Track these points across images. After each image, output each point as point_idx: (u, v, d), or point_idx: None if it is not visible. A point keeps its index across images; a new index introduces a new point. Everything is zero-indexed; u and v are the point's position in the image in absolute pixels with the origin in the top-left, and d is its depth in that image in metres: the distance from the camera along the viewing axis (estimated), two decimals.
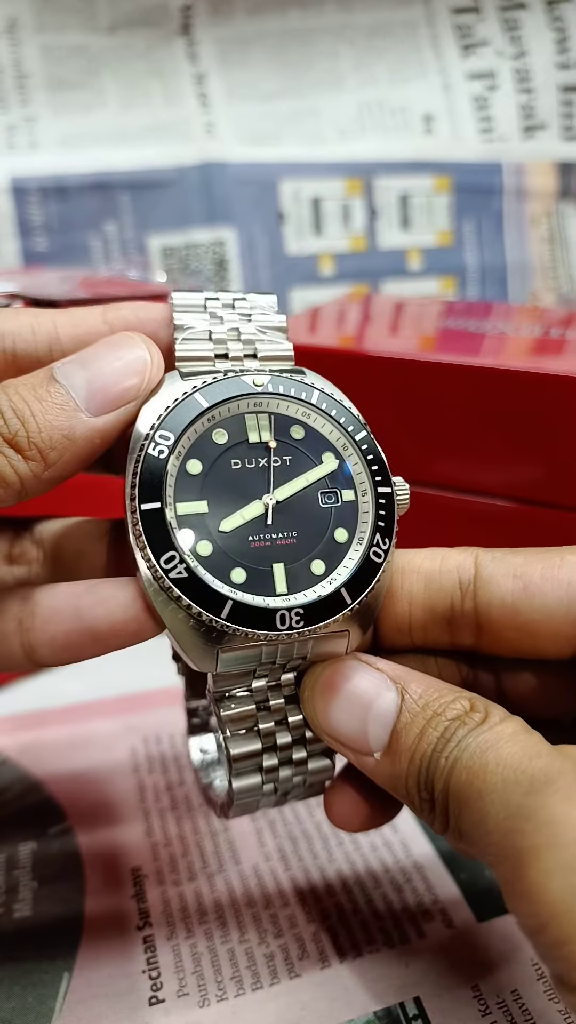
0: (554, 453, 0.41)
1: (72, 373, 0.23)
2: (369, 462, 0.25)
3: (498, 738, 0.21)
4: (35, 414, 0.22)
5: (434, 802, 0.22)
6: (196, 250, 0.76)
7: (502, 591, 0.25)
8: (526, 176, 0.80)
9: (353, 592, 0.24)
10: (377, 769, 0.23)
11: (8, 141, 0.72)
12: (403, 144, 0.78)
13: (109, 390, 0.23)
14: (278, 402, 0.25)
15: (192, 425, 0.24)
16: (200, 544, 0.23)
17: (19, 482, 0.22)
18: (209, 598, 0.22)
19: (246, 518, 0.24)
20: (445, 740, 0.22)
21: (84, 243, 0.73)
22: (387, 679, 0.24)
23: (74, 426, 0.23)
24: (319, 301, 0.73)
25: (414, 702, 0.23)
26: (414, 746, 0.22)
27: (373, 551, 0.24)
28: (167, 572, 0.22)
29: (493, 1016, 0.27)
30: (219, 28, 0.75)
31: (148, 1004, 0.28)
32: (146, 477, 0.23)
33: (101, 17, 0.73)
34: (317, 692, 0.24)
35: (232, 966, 0.29)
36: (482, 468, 0.43)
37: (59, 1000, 0.28)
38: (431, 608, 0.25)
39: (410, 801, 0.23)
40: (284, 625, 0.23)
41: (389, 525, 0.25)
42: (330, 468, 0.25)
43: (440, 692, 0.23)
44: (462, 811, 0.21)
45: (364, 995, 0.28)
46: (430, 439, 0.44)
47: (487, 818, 0.20)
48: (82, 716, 0.43)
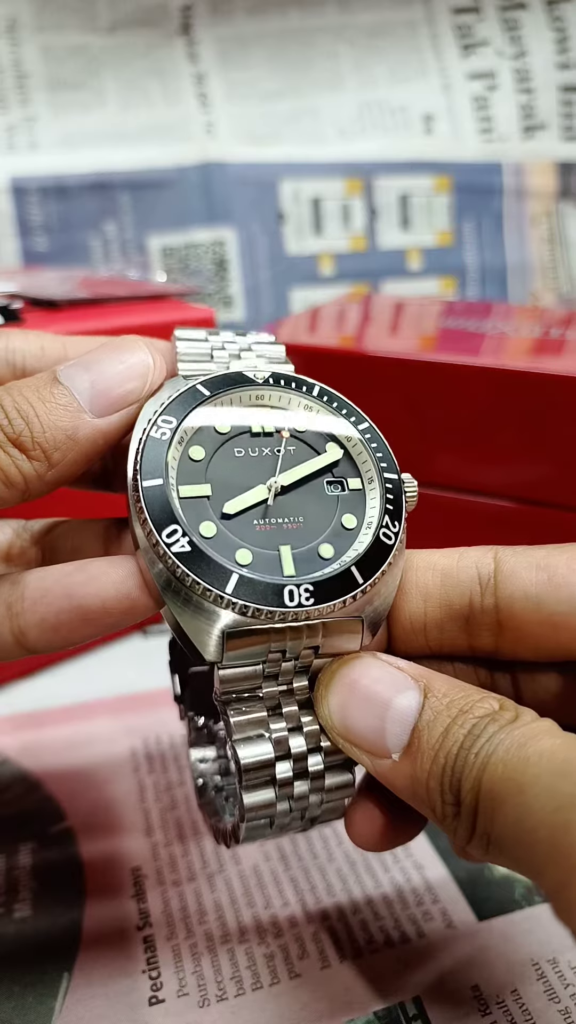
0: (554, 453, 0.41)
1: (75, 375, 0.23)
2: (374, 450, 0.25)
3: (536, 732, 0.19)
4: (39, 414, 0.23)
5: (460, 804, 0.20)
6: (196, 250, 0.76)
7: (525, 584, 0.23)
8: (526, 176, 0.80)
9: (365, 572, 0.23)
10: (395, 773, 0.22)
11: (8, 141, 0.72)
12: (403, 144, 0.78)
13: (112, 391, 0.23)
14: (280, 394, 0.25)
15: (194, 411, 0.24)
16: (204, 525, 0.23)
17: (23, 482, 0.23)
18: (214, 572, 0.21)
19: (250, 502, 0.24)
20: (474, 736, 0.20)
21: (84, 243, 0.73)
22: (408, 677, 0.22)
23: (77, 426, 0.23)
24: (319, 301, 0.73)
25: (438, 700, 0.21)
26: (438, 744, 0.21)
27: (383, 532, 0.24)
28: (169, 546, 0.21)
29: (493, 1016, 0.27)
30: (219, 28, 0.75)
31: (148, 1004, 0.28)
32: (149, 456, 0.23)
33: (101, 17, 0.73)
34: (332, 689, 0.23)
35: (232, 966, 0.29)
36: (483, 468, 0.43)
37: (59, 1000, 0.28)
38: (448, 605, 0.24)
39: (431, 807, 0.21)
40: (292, 602, 0.22)
41: (398, 509, 0.24)
42: (334, 457, 0.25)
43: (466, 691, 0.22)
44: (497, 810, 0.19)
45: (364, 995, 0.28)
46: (430, 439, 0.44)
47: (530, 814, 0.18)
48: (82, 716, 0.43)
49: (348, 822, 0.25)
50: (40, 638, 0.23)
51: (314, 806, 0.24)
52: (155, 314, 0.46)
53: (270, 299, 0.78)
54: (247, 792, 0.23)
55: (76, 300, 0.47)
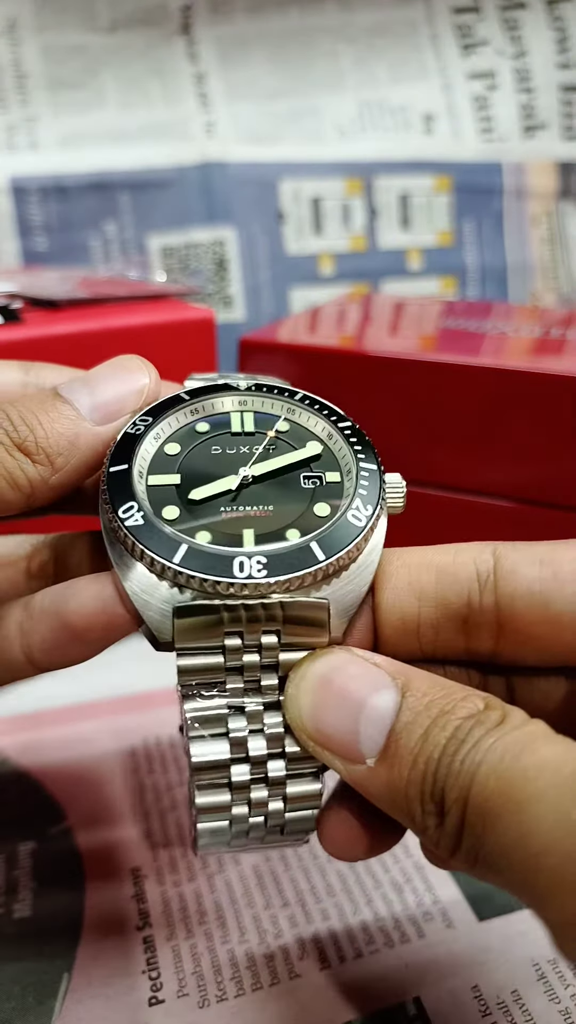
0: (554, 453, 0.41)
1: (76, 389, 0.25)
2: (353, 443, 0.25)
3: (531, 738, 0.18)
4: (42, 422, 0.24)
5: (443, 815, 0.18)
6: (196, 250, 0.76)
7: (528, 580, 0.22)
8: (526, 176, 0.80)
9: (327, 549, 0.21)
10: (370, 779, 0.20)
11: (8, 141, 0.72)
12: (403, 144, 0.78)
13: (110, 403, 0.25)
14: (262, 400, 0.26)
15: (172, 412, 0.25)
16: (167, 508, 0.23)
17: (28, 485, 0.23)
18: (164, 543, 0.21)
19: (218, 490, 0.23)
20: (458, 741, 0.18)
21: (84, 243, 0.73)
22: (385, 674, 0.21)
23: (78, 433, 0.24)
24: (319, 301, 0.73)
25: (417, 700, 0.20)
26: (417, 748, 0.19)
27: (352, 514, 0.23)
28: (123, 521, 0.22)
29: (493, 1016, 0.27)
30: (219, 28, 0.75)
31: (148, 1004, 0.28)
32: (119, 447, 0.24)
33: (101, 17, 0.73)
34: (301, 687, 0.21)
35: (232, 966, 0.29)
36: (482, 468, 0.43)
37: (59, 1000, 0.28)
38: (444, 604, 0.23)
39: (410, 816, 0.19)
40: (243, 572, 0.20)
41: (371, 496, 0.23)
42: (313, 451, 0.25)
43: (448, 689, 0.20)
44: (489, 827, 0.17)
45: (364, 995, 0.28)
46: (430, 439, 0.44)
47: (534, 837, 0.16)
48: (82, 716, 0.43)
49: (320, 830, 0.23)
50: (43, 658, 0.24)
51: (277, 813, 0.22)
52: (155, 314, 0.46)
53: (270, 299, 0.78)
54: (199, 792, 0.22)
55: (76, 300, 0.47)
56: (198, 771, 0.22)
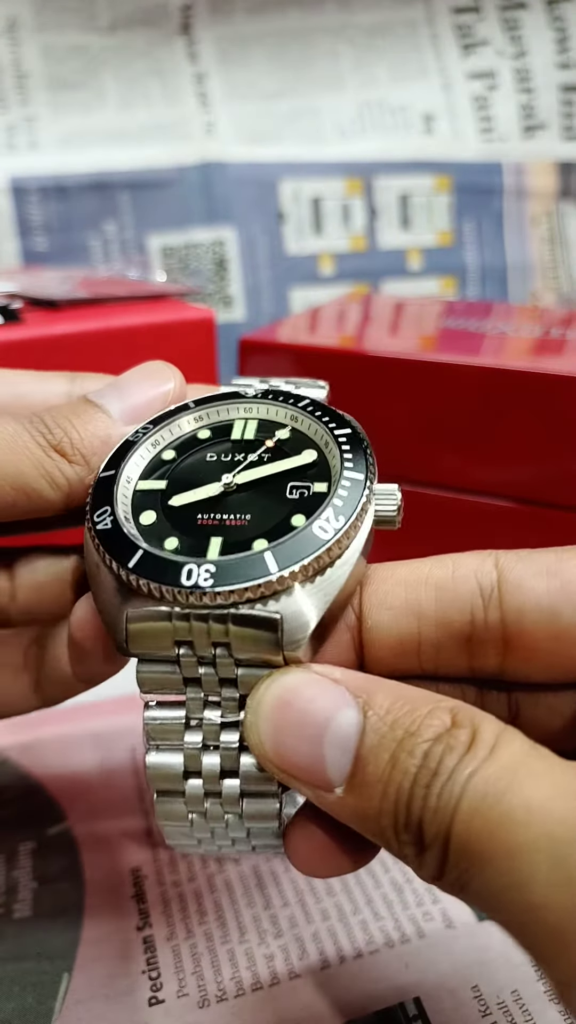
0: (554, 453, 0.41)
1: (106, 396, 0.26)
2: (344, 450, 0.23)
3: (511, 772, 0.17)
4: (76, 425, 0.25)
5: (422, 847, 0.17)
6: (196, 250, 0.76)
7: (536, 593, 0.21)
8: (526, 176, 0.80)
9: (282, 559, 0.20)
10: (341, 806, 0.19)
11: (8, 141, 0.72)
12: (403, 144, 0.78)
13: (139, 405, 0.26)
14: (267, 407, 0.26)
15: (174, 419, 0.25)
16: (145, 514, 0.23)
17: (67, 484, 0.25)
18: (122, 547, 0.21)
19: (198, 496, 0.23)
20: (430, 772, 0.17)
21: (84, 243, 0.73)
22: (345, 691, 0.19)
23: (111, 433, 0.25)
24: (319, 301, 0.73)
25: (379, 719, 0.18)
26: (385, 776, 0.18)
27: (319, 525, 0.21)
28: (95, 525, 0.22)
29: (494, 1016, 0.27)
30: (219, 28, 0.75)
31: (148, 1004, 0.28)
32: (115, 454, 0.25)
33: (101, 17, 0.73)
34: (260, 714, 0.20)
35: (232, 966, 0.29)
36: (482, 468, 0.43)
37: (59, 1001, 0.28)
38: (446, 623, 0.21)
39: (386, 844, 0.18)
40: (190, 581, 0.20)
41: (348, 506, 0.21)
42: (305, 460, 0.24)
43: (412, 704, 0.18)
44: (477, 867, 0.16)
45: (364, 995, 0.28)
46: (430, 439, 0.44)
47: (531, 889, 0.15)
48: (82, 716, 0.42)
49: (287, 846, 0.22)
50: (80, 672, 0.27)
51: (236, 827, 0.22)
52: (155, 314, 0.46)
53: (270, 299, 0.78)
54: (157, 800, 0.22)
55: (76, 300, 0.47)
56: (152, 780, 0.22)
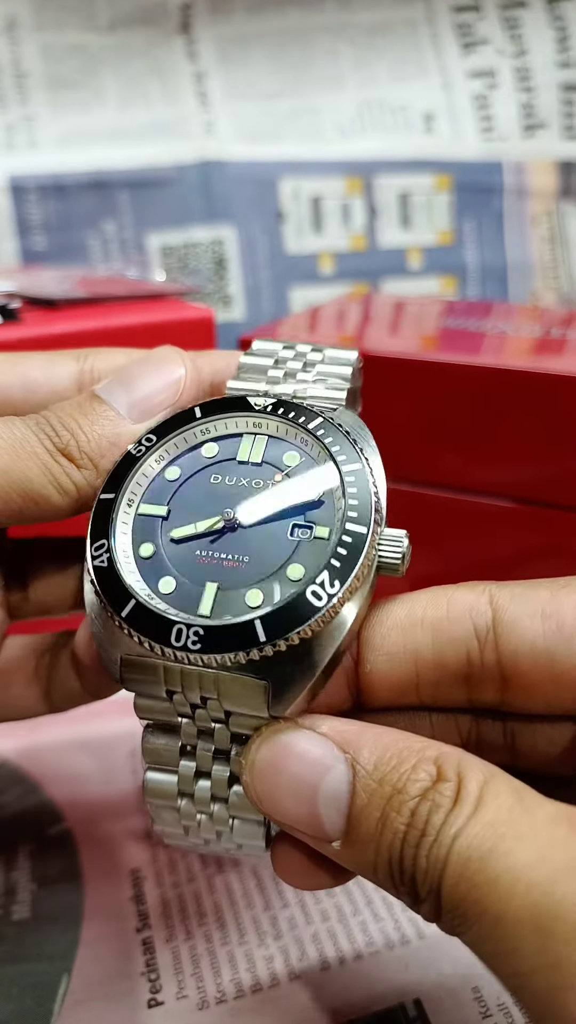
0: (554, 453, 0.41)
1: (113, 390, 0.25)
2: (350, 495, 0.22)
3: (495, 832, 0.17)
4: (82, 426, 0.24)
5: (418, 899, 0.18)
6: (195, 249, 0.76)
7: (532, 635, 0.20)
8: (527, 175, 0.80)
9: (271, 630, 0.20)
10: (340, 857, 0.20)
11: (7, 140, 0.72)
12: (403, 143, 0.78)
13: (148, 400, 0.25)
14: (277, 424, 0.24)
15: (180, 433, 0.24)
16: (144, 545, 0.23)
17: (75, 489, 0.24)
18: (116, 593, 0.21)
19: (200, 530, 0.23)
20: (418, 832, 0.17)
21: (83, 242, 0.73)
22: (333, 748, 0.19)
23: (119, 433, 0.24)
24: (319, 300, 0.73)
25: (368, 776, 0.19)
26: (377, 835, 0.18)
27: (312, 591, 0.20)
28: (93, 559, 0.22)
29: (494, 1018, 0.27)
30: (218, 27, 0.75)
31: (147, 1006, 0.28)
32: (117, 471, 0.24)
33: (100, 16, 0.72)
34: (255, 776, 0.20)
35: (231, 968, 0.29)
36: (482, 468, 0.43)
37: (58, 1002, 0.28)
38: (442, 666, 0.22)
39: (387, 890, 0.19)
40: (179, 642, 0.20)
41: (346, 568, 0.21)
42: (309, 498, 0.23)
43: (398, 757, 0.19)
44: (467, 927, 0.17)
45: (364, 997, 0.28)
46: (430, 439, 0.44)
47: (515, 955, 0.16)
48: (81, 718, 0.42)
49: (274, 859, 0.22)
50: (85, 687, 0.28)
51: (226, 838, 0.23)
52: (154, 313, 0.46)
53: (270, 298, 0.77)
54: (153, 810, 0.23)
55: (75, 299, 0.46)
56: (148, 795, 0.23)
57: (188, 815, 0.23)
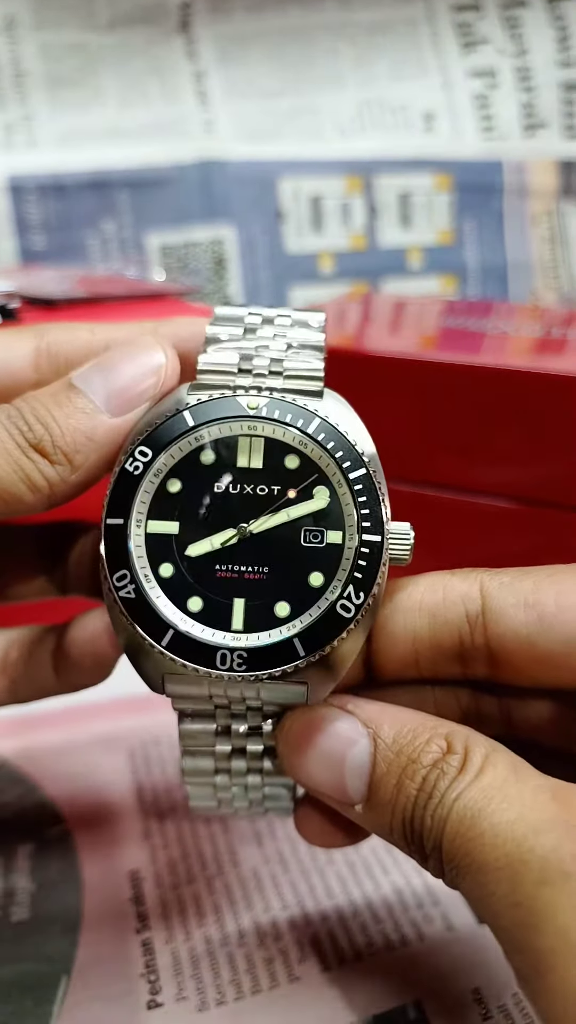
0: (554, 453, 0.41)
1: (90, 378, 0.24)
2: (360, 504, 0.23)
3: (487, 795, 0.19)
4: (57, 419, 0.23)
5: (425, 856, 0.21)
6: (195, 248, 0.76)
7: (515, 624, 0.23)
8: (527, 174, 0.80)
9: (309, 645, 0.22)
10: (361, 819, 0.23)
11: (6, 139, 0.72)
12: (403, 142, 0.78)
13: (127, 391, 0.24)
14: (273, 427, 0.23)
15: (175, 443, 0.23)
16: (163, 566, 0.23)
17: (48, 487, 0.23)
18: (153, 623, 0.22)
19: (215, 545, 0.23)
20: (427, 795, 0.20)
21: (82, 241, 0.73)
22: (358, 724, 0.22)
23: (96, 427, 0.23)
24: (319, 300, 0.73)
25: (387, 748, 0.22)
26: (393, 799, 0.21)
27: (342, 604, 0.22)
28: (117, 590, 0.22)
29: (494, 1019, 0.27)
30: (218, 26, 0.75)
31: (146, 1008, 0.28)
32: (117, 492, 0.23)
33: (100, 15, 0.72)
34: (291, 746, 0.23)
35: (231, 970, 0.29)
36: (483, 468, 0.43)
37: (57, 1004, 0.28)
38: (438, 645, 0.24)
39: (400, 848, 0.22)
40: (224, 665, 0.22)
41: (368, 578, 0.22)
42: (319, 506, 0.23)
43: (414, 732, 0.21)
44: (460, 878, 0.20)
45: (364, 998, 0.28)
46: (430, 439, 0.44)
47: (492, 898, 0.18)
48: (80, 718, 0.42)
49: (298, 824, 0.26)
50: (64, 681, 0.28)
51: (255, 805, 0.26)
52: (153, 313, 0.46)
53: (269, 298, 0.77)
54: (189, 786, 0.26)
55: (74, 299, 0.46)
56: (187, 775, 0.25)
57: (224, 788, 0.25)
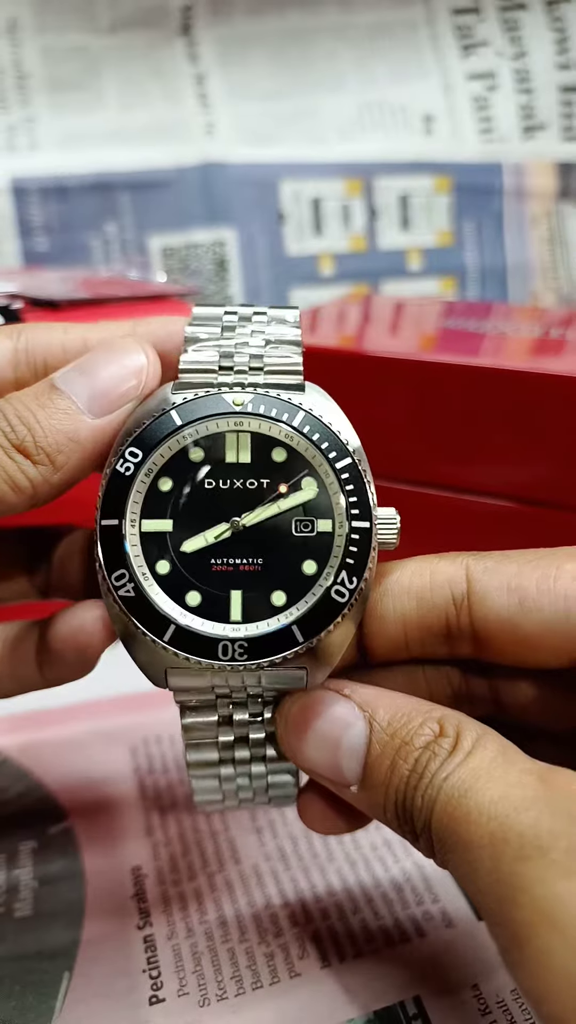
0: (554, 453, 0.41)
1: (72, 379, 0.24)
2: (348, 492, 0.24)
3: (475, 776, 0.20)
4: (40, 420, 0.23)
5: (416, 836, 0.21)
6: (196, 250, 0.76)
7: (497, 607, 0.24)
8: (526, 176, 0.80)
9: (306, 631, 0.23)
10: (356, 800, 0.23)
11: (8, 142, 0.72)
12: (403, 144, 0.78)
13: (109, 392, 0.24)
14: (259, 422, 0.24)
15: (164, 443, 0.24)
16: (159, 563, 0.23)
17: (31, 487, 0.23)
18: (153, 619, 0.23)
19: (209, 540, 0.24)
20: (418, 775, 0.21)
21: (84, 243, 0.73)
22: (354, 707, 0.23)
23: (78, 428, 0.24)
24: (319, 301, 0.73)
25: (382, 731, 0.22)
26: (387, 780, 0.22)
27: (336, 589, 0.23)
28: (116, 589, 0.23)
29: (493, 1015, 0.27)
30: (219, 28, 0.75)
31: (148, 1003, 0.28)
32: (110, 493, 0.23)
33: (101, 17, 0.73)
34: (289, 728, 0.24)
35: (232, 965, 0.29)
36: (482, 468, 0.43)
37: (59, 999, 0.28)
38: (426, 627, 0.25)
39: (393, 829, 0.22)
40: (226, 656, 0.23)
41: (360, 563, 0.23)
42: (308, 496, 0.24)
43: (408, 715, 0.22)
44: (447, 855, 0.20)
45: (364, 994, 0.28)
46: (430, 439, 0.44)
47: (476, 874, 0.19)
48: (82, 716, 0.43)
49: (301, 811, 0.26)
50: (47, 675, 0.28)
51: (259, 795, 0.27)
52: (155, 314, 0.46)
53: (270, 299, 0.78)
54: (194, 780, 0.26)
55: (76, 300, 0.47)
56: (191, 768, 0.26)
57: (228, 779, 0.26)
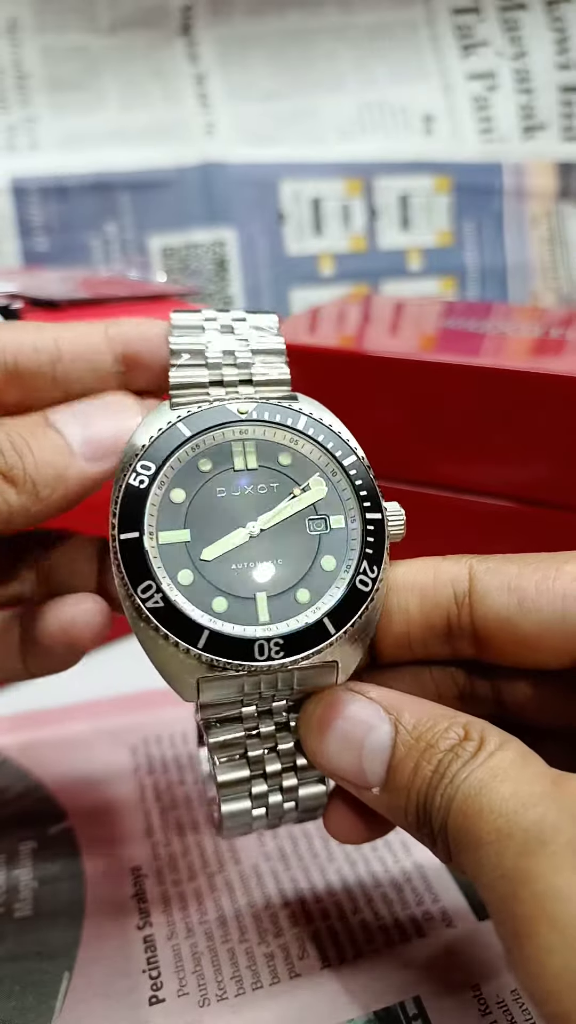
0: (554, 453, 0.41)
1: (67, 421, 0.25)
2: (357, 487, 0.25)
3: (492, 775, 0.20)
4: (33, 450, 0.24)
5: (435, 838, 0.21)
6: (196, 250, 0.76)
7: (497, 606, 0.24)
8: (526, 176, 0.80)
9: (337, 622, 0.23)
10: (377, 802, 0.23)
11: (8, 142, 0.72)
12: (403, 144, 0.78)
13: (103, 442, 0.25)
14: (263, 429, 0.25)
15: (174, 454, 0.24)
16: (181, 573, 0.23)
17: (8, 512, 0.23)
18: (185, 628, 0.23)
19: (229, 546, 0.24)
20: (440, 776, 0.21)
21: (84, 243, 0.73)
22: (380, 710, 0.23)
23: (68, 466, 0.24)
24: (319, 301, 0.73)
25: (407, 733, 0.22)
26: (409, 782, 0.22)
27: (360, 579, 0.24)
28: (144, 602, 0.22)
29: (493, 1016, 0.27)
30: (219, 28, 0.75)
31: (148, 1004, 0.28)
32: (126, 507, 0.23)
33: (101, 18, 0.73)
34: (312, 729, 0.24)
35: (232, 965, 0.29)
36: (482, 468, 0.43)
37: (59, 1000, 0.28)
38: (429, 624, 0.25)
39: (412, 833, 0.23)
40: (263, 656, 0.23)
41: (378, 553, 0.24)
42: (318, 495, 0.25)
43: (434, 720, 0.22)
44: (461, 855, 0.20)
45: (364, 995, 0.28)
46: (430, 439, 0.44)
47: (483, 871, 0.19)
48: (82, 716, 0.43)
49: (326, 821, 0.26)
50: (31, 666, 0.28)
51: (289, 812, 0.26)
52: (155, 314, 0.46)
53: (270, 299, 0.78)
54: (225, 803, 0.25)
55: (76, 300, 0.47)
56: (223, 787, 0.25)
57: (260, 797, 0.25)
